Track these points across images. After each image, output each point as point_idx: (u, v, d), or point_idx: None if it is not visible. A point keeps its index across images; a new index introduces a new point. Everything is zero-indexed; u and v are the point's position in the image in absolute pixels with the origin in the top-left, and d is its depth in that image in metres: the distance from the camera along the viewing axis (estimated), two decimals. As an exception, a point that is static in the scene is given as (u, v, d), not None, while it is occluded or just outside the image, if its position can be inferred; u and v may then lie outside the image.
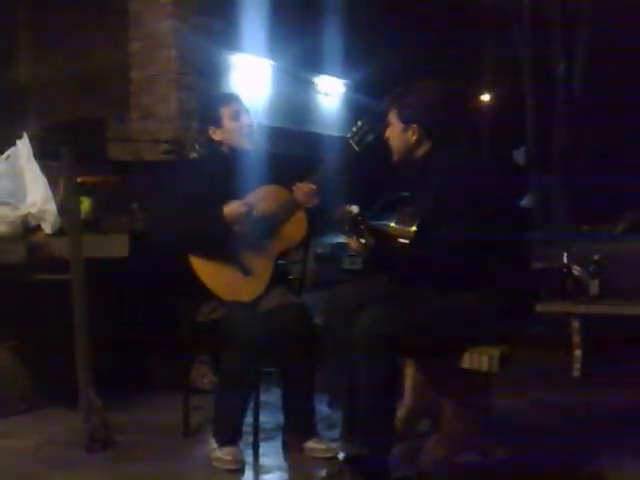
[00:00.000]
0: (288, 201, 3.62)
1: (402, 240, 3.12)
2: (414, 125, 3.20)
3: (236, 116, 3.68)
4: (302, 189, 3.59)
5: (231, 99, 3.76)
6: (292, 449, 3.62)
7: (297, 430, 3.63)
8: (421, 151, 3.23)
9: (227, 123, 3.68)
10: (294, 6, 13.82)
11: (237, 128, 3.68)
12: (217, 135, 3.70)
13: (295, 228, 3.67)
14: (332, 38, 14.81)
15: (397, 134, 3.25)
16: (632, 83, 15.49)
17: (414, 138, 3.21)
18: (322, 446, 3.55)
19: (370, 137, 3.49)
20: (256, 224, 3.59)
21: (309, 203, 3.61)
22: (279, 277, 3.69)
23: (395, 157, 3.28)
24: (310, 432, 3.60)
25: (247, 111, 3.74)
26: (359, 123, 3.50)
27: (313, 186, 3.58)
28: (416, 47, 16.89)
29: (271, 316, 3.50)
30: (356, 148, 3.50)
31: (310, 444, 3.57)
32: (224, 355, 3.49)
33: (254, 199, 3.61)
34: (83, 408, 3.63)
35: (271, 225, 3.62)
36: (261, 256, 3.61)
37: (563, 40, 16.24)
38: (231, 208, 3.52)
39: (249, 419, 3.59)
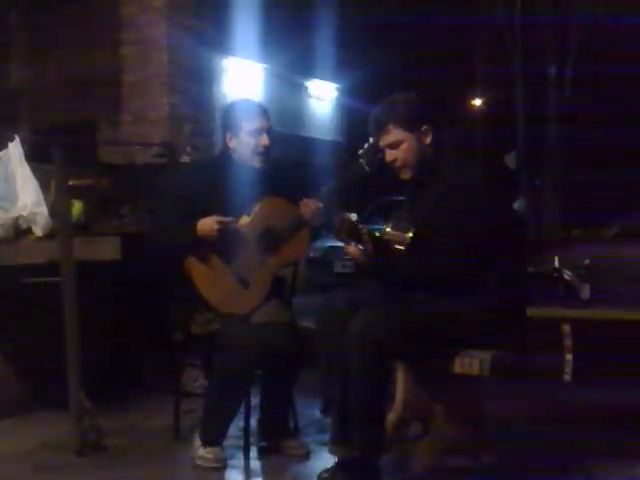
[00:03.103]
0: (294, 217, 3.57)
1: (398, 246, 3.11)
2: (424, 126, 3.12)
3: (255, 134, 3.57)
4: (309, 206, 3.55)
5: (255, 115, 3.61)
6: (268, 444, 3.67)
7: (272, 427, 3.68)
8: (428, 153, 3.15)
9: (244, 137, 3.58)
10: (286, 10, 13.83)
11: (252, 146, 3.57)
12: (232, 143, 3.61)
13: (297, 246, 3.64)
14: (324, 42, 14.84)
15: (410, 146, 3.12)
16: (624, 87, 15.53)
17: (428, 139, 3.13)
18: (293, 443, 3.63)
19: (380, 155, 3.28)
20: (258, 237, 3.56)
21: (315, 221, 3.58)
22: (273, 289, 3.64)
23: (408, 173, 3.16)
24: (284, 429, 3.67)
25: (269, 130, 3.61)
26: (370, 141, 3.30)
27: (320, 204, 3.55)
28: (408, 52, 16.92)
29: (261, 330, 3.46)
30: (366, 168, 3.35)
31: (283, 440, 3.63)
32: (217, 364, 3.49)
33: (251, 215, 3.55)
34: (74, 412, 3.62)
35: (274, 240, 3.57)
36: (261, 270, 3.57)
37: (554, 43, 16.30)
38: (204, 223, 3.43)
39: (240, 422, 3.60)
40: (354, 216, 3.16)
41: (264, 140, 3.58)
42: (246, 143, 3.58)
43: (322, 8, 14.60)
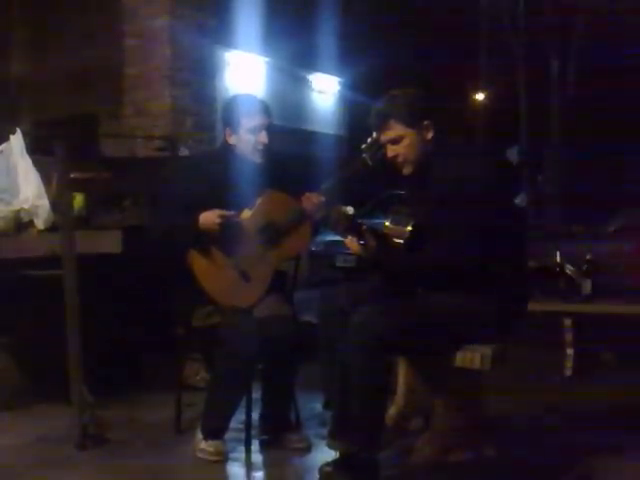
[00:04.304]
0: (296, 211, 3.57)
1: (397, 240, 3.11)
2: (425, 122, 3.12)
3: (254, 131, 3.55)
4: (311, 200, 3.54)
5: (255, 112, 3.59)
6: (269, 438, 3.67)
7: (274, 421, 3.68)
8: (430, 148, 3.15)
9: (243, 134, 3.56)
10: (289, 3, 13.81)
11: (252, 142, 3.56)
12: (232, 139, 3.60)
13: (299, 240, 3.64)
14: (327, 35, 14.81)
15: (412, 141, 3.11)
16: (628, 80, 15.49)
17: (430, 135, 3.13)
18: (295, 437, 3.63)
19: (383, 150, 3.24)
20: (259, 231, 3.56)
21: (316, 215, 3.56)
22: (275, 283, 3.64)
23: (410, 168, 3.15)
24: (285, 423, 3.67)
25: (269, 126, 3.59)
26: (373, 136, 3.27)
27: (322, 198, 3.53)
28: (411, 46, 16.90)
29: (263, 324, 3.47)
30: (369, 163, 3.32)
31: (285, 434, 3.64)
32: (219, 357, 3.49)
33: (253, 209, 3.55)
34: (75, 405, 3.62)
35: (276, 233, 3.57)
36: (262, 264, 3.57)
37: (558, 37, 16.26)
38: (206, 217, 3.43)
39: (241, 416, 3.60)
40: (350, 209, 3.16)
41: (263, 138, 3.57)
42: (245, 140, 3.56)
43: (325, 1, 14.58)
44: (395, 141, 3.14)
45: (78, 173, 4.16)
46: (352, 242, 3.15)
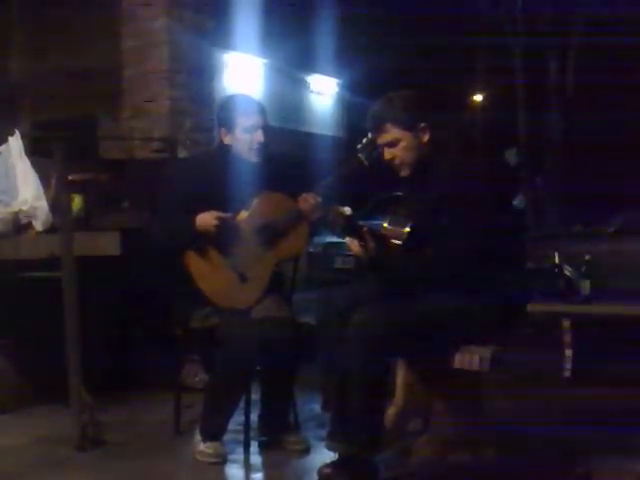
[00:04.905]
0: (293, 212, 3.57)
1: (395, 241, 3.11)
2: (421, 124, 3.11)
3: (250, 130, 3.56)
4: (308, 200, 3.54)
5: (251, 111, 3.60)
6: (268, 439, 3.67)
7: (273, 423, 3.68)
8: (426, 151, 3.15)
9: (239, 133, 3.56)
10: (287, 4, 13.82)
11: (248, 142, 3.56)
12: (227, 139, 3.60)
13: (296, 241, 3.64)
14: (325, 37, 14.83)
15: (409, 144, 3.11)
16: (627, 80, 15.49)
17: (426, 137, 3.12)
18: (293, 438, 3.63)
19: (379, 150, 3.24)
20: (256, 232, 3.56)
21: (313, 216, 3.57)
22: (273, 284, 3.65)
23: (407, 170, 3.15)
24: (284, 425, 3.67)
25: (265, 126, 3.59)
26: (369, 136, 3.27)
27: (319, 198, 3.54)
28: (409, 47, 16.90)
29: (261, 325, 3.47)
30: (365, 162, 3.32)
31: (284, 436, 3.63)
32: (217, 359, 3.49)
33: (250, 210, 3.55)
34: (74, 406, 3.62)
35: (273, 234, 3.58)
36: (259, 264, 3.57)
37: (555, 38, 16.28)
38: (203, 219, 3.43)
39: (240, 417, 3.60)
40: (347, 210, 3.16)
41: (259, 137, 3.57)
42: (241, 139, 3.57)
43: (323, 2, 14.59)
44: (392, 144, 3.14)
45: (77, 175, 4.16)
46: (353, 243, 3.15)
